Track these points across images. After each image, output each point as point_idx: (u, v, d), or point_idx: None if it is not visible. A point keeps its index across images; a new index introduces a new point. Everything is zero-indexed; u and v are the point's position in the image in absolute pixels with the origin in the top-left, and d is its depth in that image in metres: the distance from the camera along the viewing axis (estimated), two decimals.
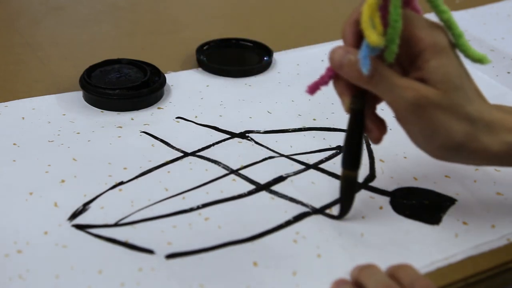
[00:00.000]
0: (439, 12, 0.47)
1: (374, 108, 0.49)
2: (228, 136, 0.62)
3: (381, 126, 0.49)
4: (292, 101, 0.69)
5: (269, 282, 0.46)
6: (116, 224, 0.50)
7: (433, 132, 0.46)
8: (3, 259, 0.47)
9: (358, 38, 0.47)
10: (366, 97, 0.48)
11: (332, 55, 0.47)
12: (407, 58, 0.47)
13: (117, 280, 0.45)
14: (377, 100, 0.49)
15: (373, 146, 0.62)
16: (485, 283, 0.48)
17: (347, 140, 0.49)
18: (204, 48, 0.78)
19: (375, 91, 0.46)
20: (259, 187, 0.55)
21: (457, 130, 0.46)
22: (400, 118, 0.47)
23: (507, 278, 0.49)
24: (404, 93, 0.45)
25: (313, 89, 0.50)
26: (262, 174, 0.57)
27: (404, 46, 0.46)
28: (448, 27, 0.47)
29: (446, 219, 0.53)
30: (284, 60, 0.78)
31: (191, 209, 0.53)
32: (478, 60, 0.47)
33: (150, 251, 0.48)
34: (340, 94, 0.49)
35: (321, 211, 0.53)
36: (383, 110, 0.50)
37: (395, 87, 0.45)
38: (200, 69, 0.75)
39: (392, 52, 0.45)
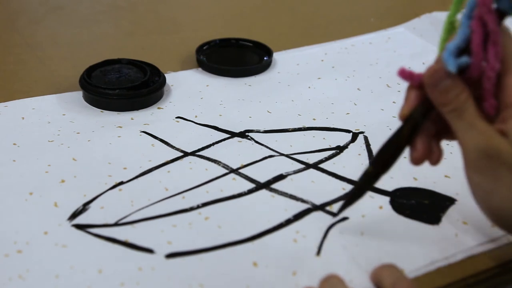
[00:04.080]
0: None
1: (437, 136, 0.46)
2: (228, 135, 0.62)
3: (431, 154, 0.46)
4: (292, 101, 0.69)
5: (269, 282, 0.46)
6: (116, 224, 0.50)
7: (494, 189, 0.43)
8: (3, 259, 0.47)
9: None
10: (436, 122, 0.46)
11: (430, 73, 0.44)
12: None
13: (117, 280, 0.45)
14: (445, 134, 0.46)
15: (373, 146, 0.62)
16: (485, 283, 0.48)
17: (386, 143, 0.47)
18: (204, 48, 0.78)
19: (451, 124, 0.44)
20: (259, 186, 0.55)
21: None
22: (466, 162, 0.44)
23: (507, 278, 0.49)
24: (477, 137, 0.42)
25: (404, 74, 0.46)
26: (262, 173, 0.57)
27: (496, 91, 0.43)
28: None
29: (446, 219, 0.53)
30: (284, 60, 0.78)
31: (191, 209, 0.53)
32: None
33: (150, 251, 0.48)
34: (408, 98, 0.46)
35: (321, 207, 0.53)
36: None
37: (472, 128, 0.42)
38: (200, 69, 0.75)
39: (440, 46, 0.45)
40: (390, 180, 0.57)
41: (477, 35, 0.42)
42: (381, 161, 0.47)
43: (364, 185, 0.48)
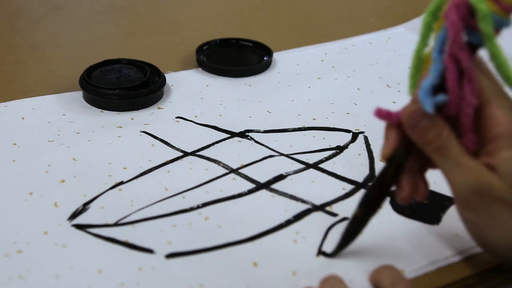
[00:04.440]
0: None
1: (421, 170, 0.45)
2: (228, 135, 0.62)
3: (417, 190, 0.45)
4: (292, 100, 0.69)
5: (269, 282, 0.46)
6: (116, 224, 0.50)
7: (489, 225, 0.42)
8: (3, 259, 0.47)
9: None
10: (419, 157, 0.44)
11: (407, 114, 0.42)
12: (479, 136, 0.42)
13: (117, 280, 0.45)
14: (429, 165, 0.45)
15: (373, 146, 0.62)
16: (485, 283, 0.48)
17: (371, 186, 0.46)
18: (204, 48, 0.78)
19: (436, 162, 0.43)
20: (259, 186, 0.55)
21: None
22: (456, 200, 0.44)
23: (507, 278, 0.49)
24: (466, 175, 0.41)
25: (381, 114, 0.45)
26: (262, 173, 0.57)
27: (479, 124, 0.42)
28: None
29: (446, 219, 0.53)
30: (284, 60, 0.78)
31: (191, 209, 0.53)
32: None
33: (150, 251, 0.48)
34: (388, 138, 0.45)
35: (321, 208, 0.53)
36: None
37: (458, 166, 0.41)
38: (200, 69, 0.75)
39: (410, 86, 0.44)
40: None
41: (452, 72, 0.40)
42: (369, 204, 0.46)
43: (354, 229, 0.47)
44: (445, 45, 0.41)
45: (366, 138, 0.63)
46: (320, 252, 0.49)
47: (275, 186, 0.56)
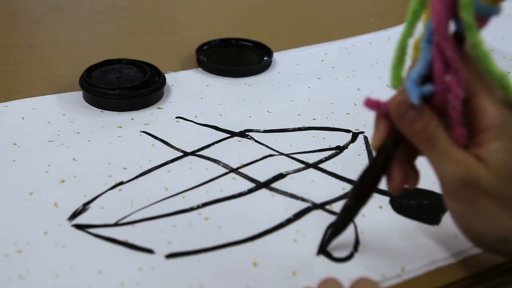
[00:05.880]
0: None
1: (411, 159, 0.45)
2: (228, 135, 0.62)
3: (408, 179, 0.45)
4: (292, 100, 0.69)
5: (269, 282, 0.46)
6: (116, 224, 0.50)
7: (475, 216, 0.42)
8: (3, 259, 0.47)
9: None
10: (409, 147, 0.44)
11: (394, 104, 0.42)
12: (468, 128, 0.42)
13: (117, 280, 0.45)
14: (418, 154, 0.45)
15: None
16: (485, 284, 0.48)
17: (361, 175, 0.45)
18: (204, 48, 0.78)
19: (424, 153, 0.42)
20: (259, 185, 0.55)
21: (503, 223, 0.41)
22: (444, 191, 0.43)
23: (507, 278, 0.49)
24: (454, 167, 0.41)
25: (370, 103, 0.44)
26: (262, 172, 0.57)
27: (467, 115, 0.41)
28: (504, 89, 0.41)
29: (446, 219, 0.53)
30: (284, 60, 0.78)
31: (191, 209, 0.53)
32: None
33: (150, 251, 0.48)
34: (377, 129, 0.44)
35: (321, 206, 0.53)
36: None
37: (446, 157, 0.41)
38: (200, 69, 0.75)
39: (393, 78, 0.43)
40: None
41: (438, 63, 0.39)
42: (359, 193, 0.46)
43: (345, 218, 0.48)
44: (433, 34, 0.40)
45: (366, 138, 0.63)
46: (320, 251, 0.49)
47: (275, 185, 0.56)
